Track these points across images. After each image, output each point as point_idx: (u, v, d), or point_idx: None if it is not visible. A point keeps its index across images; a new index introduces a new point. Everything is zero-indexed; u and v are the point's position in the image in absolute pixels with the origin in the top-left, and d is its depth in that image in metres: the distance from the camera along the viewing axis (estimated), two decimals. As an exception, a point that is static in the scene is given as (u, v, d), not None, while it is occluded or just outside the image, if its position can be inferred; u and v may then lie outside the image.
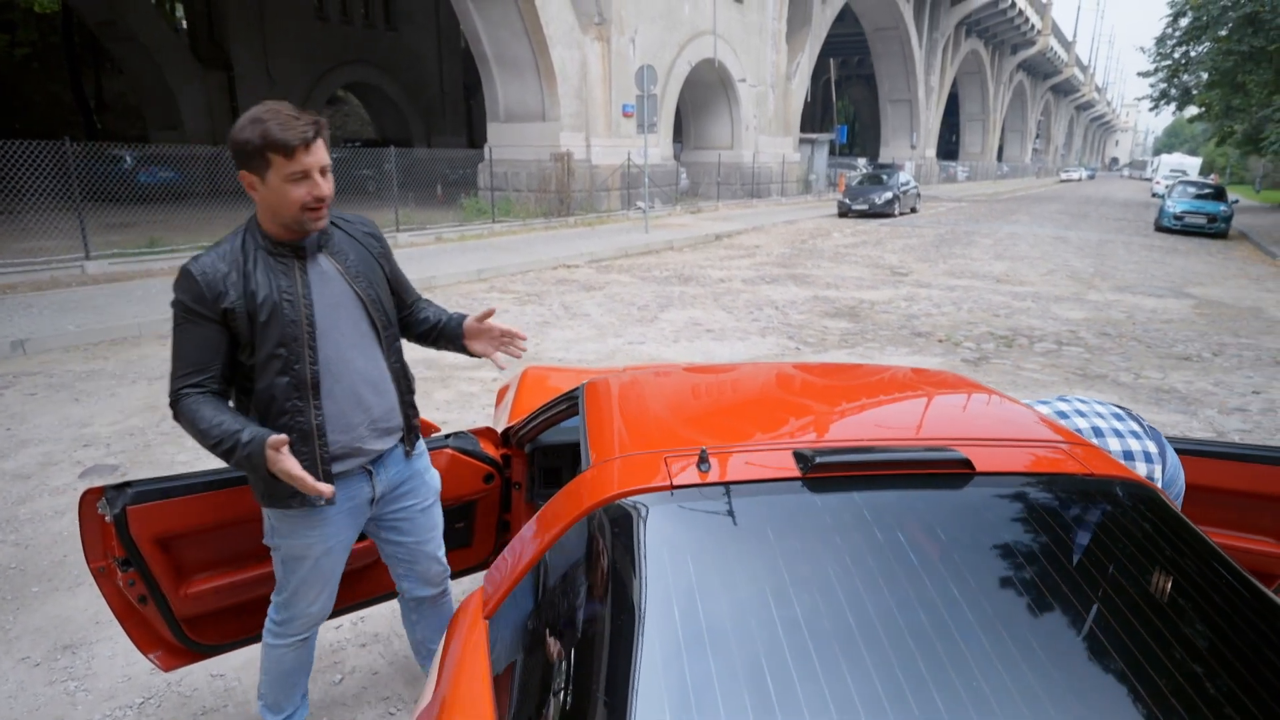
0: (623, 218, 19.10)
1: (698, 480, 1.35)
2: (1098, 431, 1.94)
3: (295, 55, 29.18)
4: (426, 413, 3.96)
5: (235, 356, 1.68)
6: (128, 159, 16.38)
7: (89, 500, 1.92)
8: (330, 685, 2.53)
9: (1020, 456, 1.46)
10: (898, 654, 1.03)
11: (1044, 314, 8.90)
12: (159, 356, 6.47)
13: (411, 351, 2.07)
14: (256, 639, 2.22)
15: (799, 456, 1.37)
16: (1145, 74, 28.00)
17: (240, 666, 2.59)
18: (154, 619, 2.07)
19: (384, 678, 2.56)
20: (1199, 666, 1.05)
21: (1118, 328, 8.24)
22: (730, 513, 1.30)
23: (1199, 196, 20.21)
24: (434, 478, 2.08)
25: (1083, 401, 2.08)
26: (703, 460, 1.38)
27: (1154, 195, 38.24)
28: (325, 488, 1.59)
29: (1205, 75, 26.09)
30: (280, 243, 1.69)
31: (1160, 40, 25.79)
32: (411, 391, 1.96)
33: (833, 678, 1.00)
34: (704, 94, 25.54)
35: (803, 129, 32.09)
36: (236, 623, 2.16)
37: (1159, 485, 1.92)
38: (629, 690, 1.01)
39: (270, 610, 2.01)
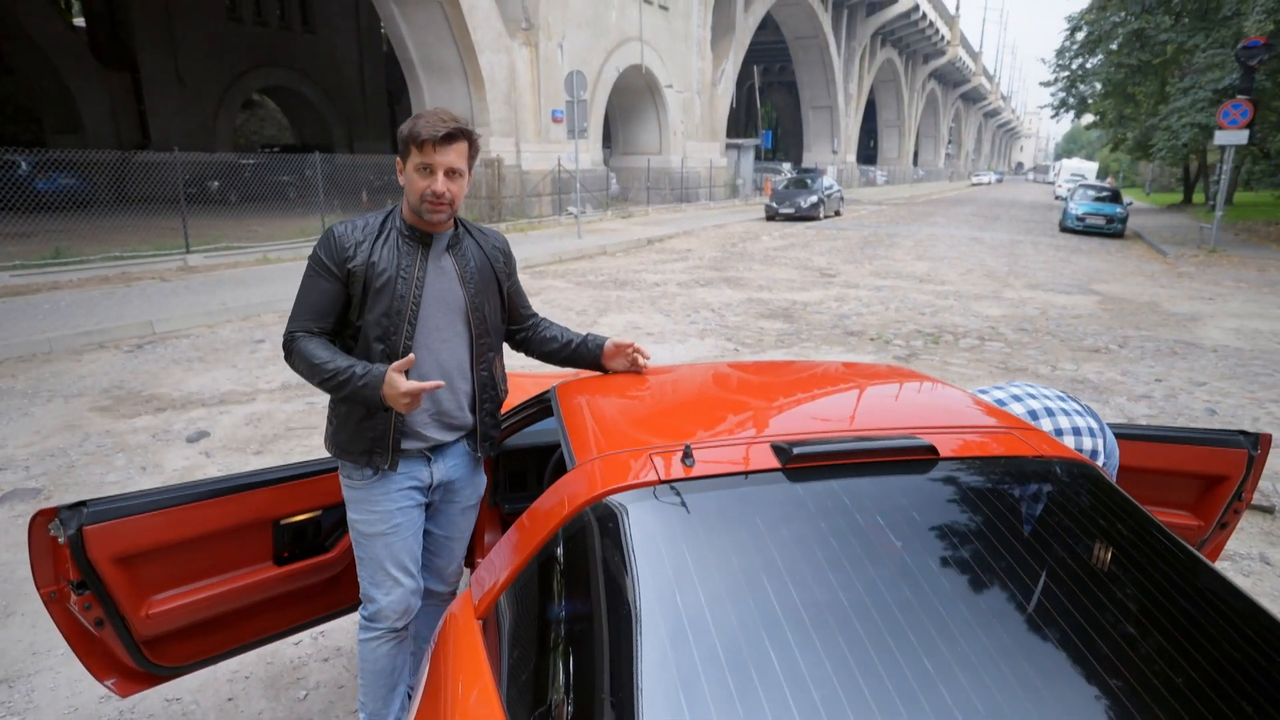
0: (554, 223, 19.06)
1: (683, 475, 1.40)
2: (1048, 412, 2.09)
3: (207, 57, 27.97)
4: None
5: (346, 315, 1.86)
6: (23, 164, 15.42)
7: (39, 522, 1.85)
8: (295, 702, 2.48)
9: (975, 442, 1.57)
10: (890, 631, 1.11)
11: (966, 312, 9.34)
12: (73, 374, 6.15)
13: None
14: (222, 657, 2.17)
15: (777, 449, 1.44)
16: (1046, 84, 29.66)
17: (197, 689, 2.51)
18: (111, 643, 2.00)
19: (350, 691, 2.52)
20: (1134, 625, 1.17)
21: (1033, 323, 8.72)
22: (717, 505, 1.36)
23: (1098, 199, 21.49)
24: (481, 483, 2.14)
25: (1029, 387, 2.24)
26: (687, 455, 1.43)
27: (1057, 198, 40.44)
28: (437, 382, 1.78)
29: (1099, 86, 27.84)
30: (412, 228, 1.87)
31: (1060, 52, 27.35)
32: (494, 402, 2.05)
33: (835, 658, 1.07)
34: (632, 100, 25.73)
35: (728, 134, 32.67)
36: (201, 640, 2.10)
37: (1102, 457, 2.08)
38: (634, 684, 1.04)
39: (360, 607, 2.03)
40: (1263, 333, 8.41)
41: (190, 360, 6.63)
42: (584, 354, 2.19)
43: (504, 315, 2.08)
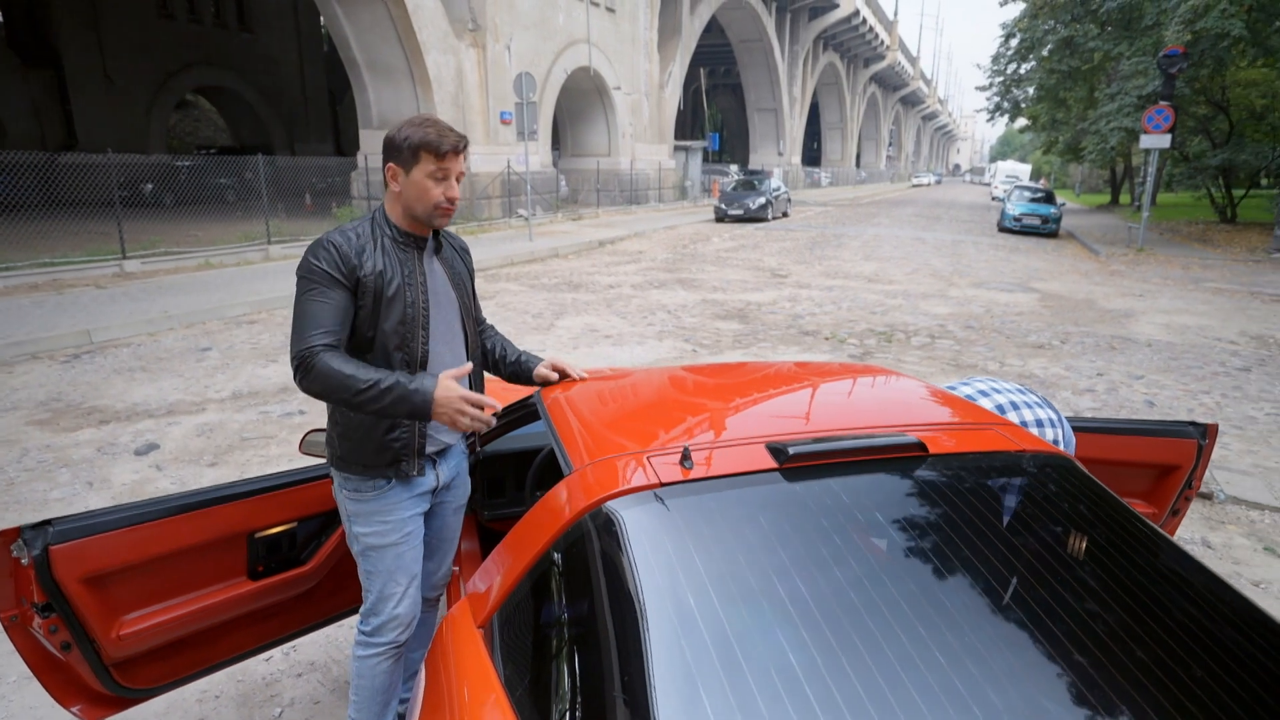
0: (504, 225, 18.90)
1: (682, 478, 1.41)
2: (1013, 405, 2.17)
3: (136, 55, 26.91)
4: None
5: (354, 327, 1.79)
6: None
7: (1, 543, 1.76)
8: (270, 720, 2.42)
9: (960, 438, 1.62)
10: (903, 627, 1.14)
11: (915, 310, 9.58)
12: (5, 386, 5.86)
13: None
14: (195, 677, 2.10)
15: (773, 449, 1.47)
16: (982, 88, 30.63)
17: (164, 712, 2.42)
18: (79, 667, 1.92)
19: (327, 707, 2.47)
20: (1104, 602, 1.23)
21: (979, 321, 9.00)
22: (717, 507, 1.37)
23: (1033, 200, 22.30)
24: (469, 484, 2.14)
25: (992, 381, 2.32)
26: (685, 458, 1.44)
27: (993, 199, 41.82)
28: (491, 402, 1.73)
29: (1033, 90, 28.91)
30: (405, 233, 1.85)
31: (995, 58, 28.28)
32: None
33: (852, 657, 1.09)
34: (581, 102, 25.68)
35: (676, 137, 32.86)
36: (174, 660, 2.03)
37: (1062, 446, 2.17)
38: (648, 688, 1.04)
39: (359, 622, 1.96)
40: (1190, 327, 8.85)
41: (133, 370, 6.38)
42: (523, 372, 2.17)
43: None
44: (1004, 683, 1.07)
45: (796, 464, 1.43)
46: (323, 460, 2.09)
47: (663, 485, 1.39)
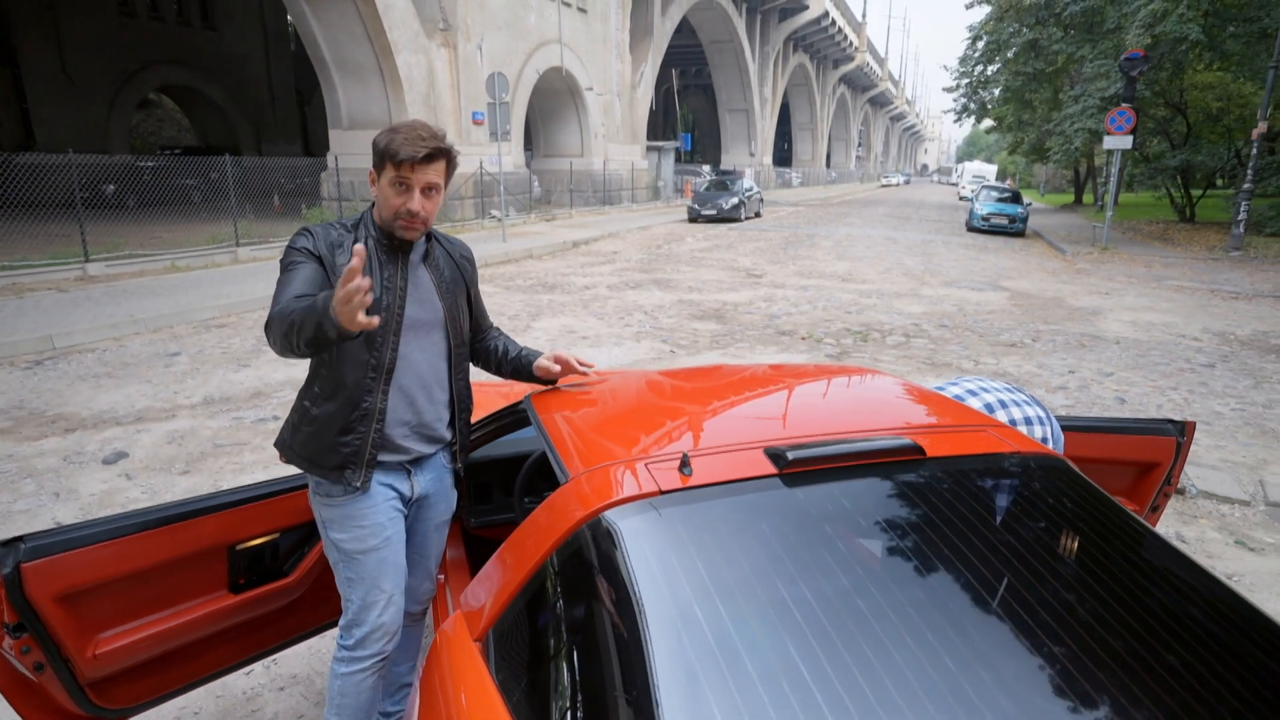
0: (477, 226, 18.75)
1: (682, 485, 1.40)
2: (1002, 404, 2.19)
3: (97, 53, 26.24)
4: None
5: None
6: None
7: None
8: (252, 736, 2.36)
9: (956, 440, 1.62)
10: (910, 632, 1.13)
11: (889, 309, 9.68)
12: (-33, 394, 5.68)
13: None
14: (174, 694, 2.04)
15: (772, 454, 1.45)
16: (949, 89, 31.10)
17: (140, 730, 2.35)
18: (52, 688, 1.85)
19: (311, 720, 2.42)
20: (1107, 604, 1.23)
21: (952, 320, 9.12)
22: (717, 515, 1.36)
23: (1000, 200, 22.66)
24: (454, 498, 2.07)
25: (981, 381, 2.34)
26: (684, 464, 1.43)
27: (961, 199, 42.45)
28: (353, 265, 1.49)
29: (998, 92, 29.41)
30: (390, 237, 1.80)
31: (963, 59, 28.73)
32: (468, 411, 2.04)
33: (864, 667, 1.08)
34: (553, 102, 25.59)
35: (648, 137, 32.87)
36: (153, 678, 1.97)
37: (1052, 444, 2.19)
38: (653, 704, 1.02)
39: (339, 636, 1.89)
40: (1156, 324, 9.04)
41: (98, 376, 6.22)
42: (520, 367, 2.15)
43: (471, 325, 2.05)
44: (1011, 685, 1.07)
45: (797, 469, 1.42)
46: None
47: (663, 493, 1.37)
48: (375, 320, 1.51)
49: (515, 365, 2.14)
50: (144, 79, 28.95)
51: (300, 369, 1.54)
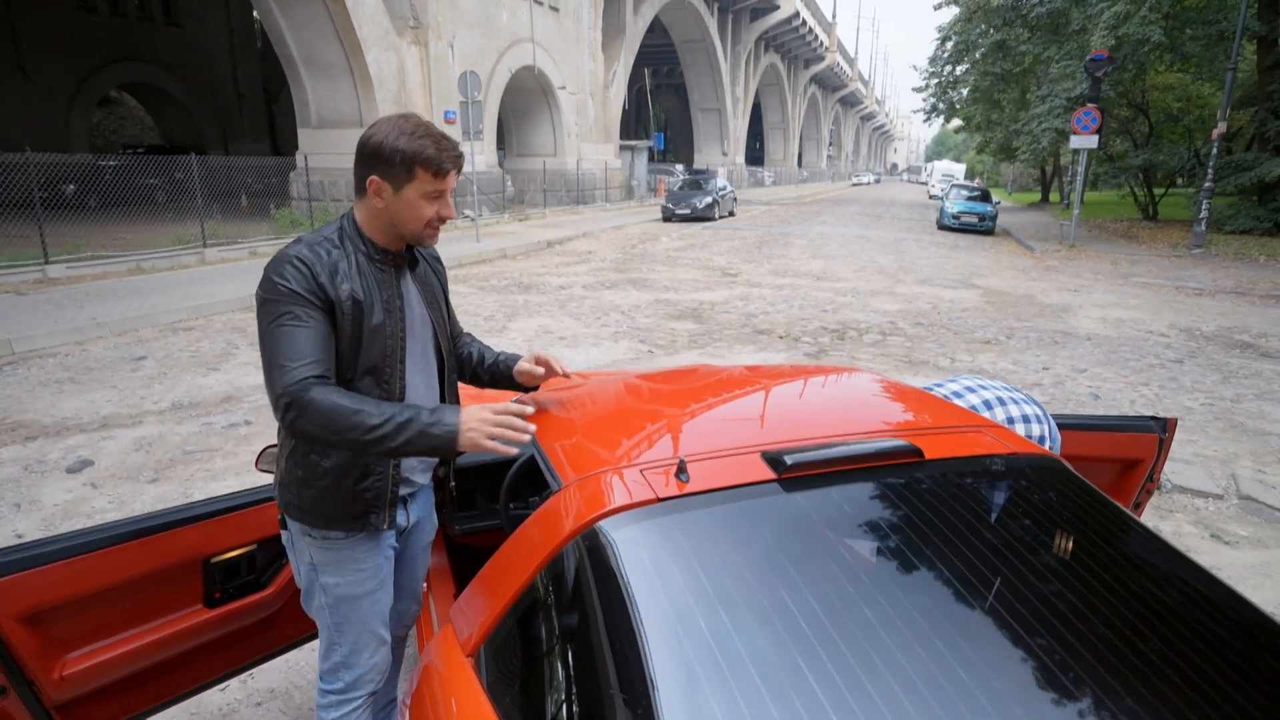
0: (450, 226, 18.57)
1: (679, 492, 1.36)
2: (1000, 401, 2.18)
3: (55, 50, 25.56)
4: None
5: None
6: None
7: None
8: (228, 755, 2.28)
9: (953, 441, 1.60)
10: (917, 637, 1.11)
11: (865, 308, 9.74)
12: (-79, 402, 5.47)
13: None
14: (151, 712, 1.96)
15: (770, 459, 1.42)
16: (919, 89, 31.47)
17: (111, 751, 2.26)
18: (16, 713, 1.76)
19: (290, 737, 2.34)
20: (1110, 605, 1.22)
21: (927, 317, 9.20)
22: (716, 521, 1.32)
23: (970, 198, 22.96)
24: (434, 517, 2.00)
25: (976, 379, 2.33)
26: (681, 470, 1.39)
27: (931, 197, 42.97)
28: (521, 409, 1.58)
29: (967, 92, 29.82)
30: (384, 250, 1.63)
31: (932, 60, 29.08)
32: None
33: (870, 673, 1.05)
34: (525, 101, 25.43)
35: (621, 136, 32.83)
36: (124, 698, 1.89)
37: (1049, 442, 2.18)
38: (654, 714, 0.99)
39: (322, 679, 1.77)
40: (1125, 321, 9.20)
41: (60, 382, 6.03)
42: (502, 373, 2.01)
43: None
44: (1015, 690, 1.05)
45: (795, 473, 1.39)
46: None
47: (660, 500, 1.34)
48: (510, 450, 1.54)
49: (494, 371, 1.98)
50: (105, 76, 28.29)
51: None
